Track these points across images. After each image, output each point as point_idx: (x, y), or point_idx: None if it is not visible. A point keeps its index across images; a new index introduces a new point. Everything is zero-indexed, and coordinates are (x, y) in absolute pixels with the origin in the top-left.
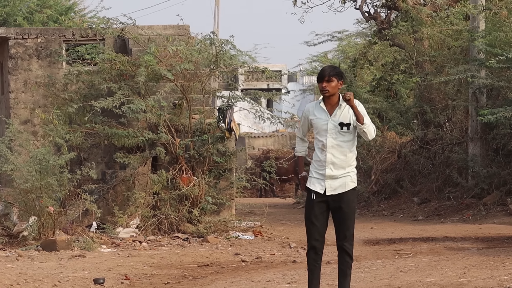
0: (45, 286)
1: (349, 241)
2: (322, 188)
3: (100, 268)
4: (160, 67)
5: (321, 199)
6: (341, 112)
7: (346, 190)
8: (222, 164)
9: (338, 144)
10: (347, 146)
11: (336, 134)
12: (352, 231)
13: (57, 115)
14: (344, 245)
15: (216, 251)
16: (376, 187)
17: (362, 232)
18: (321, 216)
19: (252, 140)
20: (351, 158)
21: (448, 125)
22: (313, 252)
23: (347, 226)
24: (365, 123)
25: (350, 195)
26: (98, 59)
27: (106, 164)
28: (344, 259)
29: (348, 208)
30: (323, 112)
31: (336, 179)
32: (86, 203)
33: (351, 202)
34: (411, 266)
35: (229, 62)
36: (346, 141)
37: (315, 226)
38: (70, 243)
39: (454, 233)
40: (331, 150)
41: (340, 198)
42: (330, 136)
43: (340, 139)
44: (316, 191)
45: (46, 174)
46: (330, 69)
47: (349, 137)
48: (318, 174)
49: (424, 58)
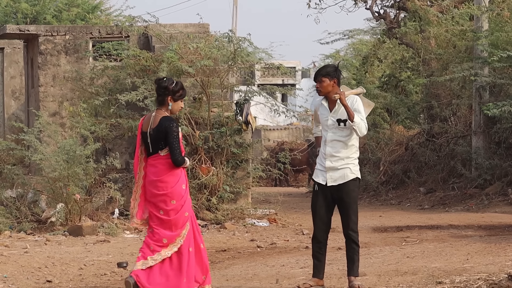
0: (71, 269)
1: (353, 229)
2: (324, 179)
3: (123, 253)
4: (181, 63)
5: (324, 190)
6: (340, 109)
7: (346, 181)
8: (239, 155)
9: (337, 139)
10: (346, 140)
11: (335, 129)
12: (355, 219)
13: (84, 108)
14: (348, 233)
15: (233, 237)
16: (385, 177)
17: (371, 220)
18: (324, 206)
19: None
20: (350, 151)
21: (453, 119)
22: (317, 240)
23: (349, 215)
24: (354, 121)
25: (350, 186)
26: (123, 55)
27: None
28: (350, 246)
29: (348, 198)
30: (325, 109)
31: (336, 171)
32: (111, 191)
33: (351, 192)
34: (417, 252)
35: (246, 59)
36: (344, 135)
37: (319, 215)
38: (95, 229)
39: (458, 221)
40: (331, 144)
41: (340, 188)
42: (330, 131)
43: (339, 133)
44: (319, 183)
45: (73, 163)
46: (321, 70)
47: (347, 132)
48: (321, 166)
49: (431, 56)
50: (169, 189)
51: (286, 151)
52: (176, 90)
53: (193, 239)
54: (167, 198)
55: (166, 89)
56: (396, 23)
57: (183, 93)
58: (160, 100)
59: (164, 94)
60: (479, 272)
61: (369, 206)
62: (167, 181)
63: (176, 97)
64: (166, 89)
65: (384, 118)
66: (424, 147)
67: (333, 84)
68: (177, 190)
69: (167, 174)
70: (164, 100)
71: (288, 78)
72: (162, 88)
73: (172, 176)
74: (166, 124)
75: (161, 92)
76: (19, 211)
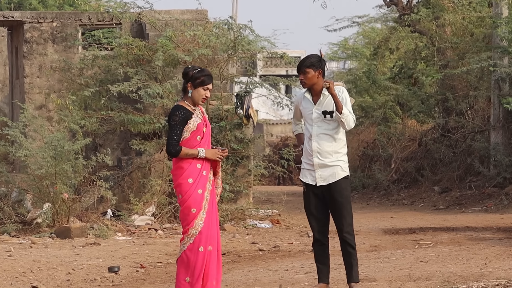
0: (59, 274)
1: (349, 231)
2: (313, 179)
3: (115, 256)
4: (177, 51)
5: (315, 190)
6: (325, 100)
7: (337, 180)
8: (239, 151)
9: (323, 133)
10: (333, 133)
11: (321, 123)
12: (349, 220)
13: (72, 101)
14: (344, 236)
15: (233, 239)
16: (396, 175)
17: (382, 221)
18: (319, 207)
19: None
20: (338, 145)
21: (470, 113)
22: (318, 244)
23: (343, 215)
24: (343, 113)
25: (342, 184)
26: (115, 44)
27: (121, 150)
28: (346, 250)
29: (341, 197)
30: (308, 102)
31: (326, 168)
32: (101, 190)
33: (343, 190)
34: (431, 256)
35: (247, 48)
36: (331, 129)
37: (315, 217)
38: (85, 231)
39: (475, 223)
40: (317, 139)
41: (331, 188)
42: (315, 124)
43: (324, 127)
44: (308, 183)
45: (60, 160)
46: (304, 60)
47: (334, 125)
48: (308, 165)
49: (446, 45)
50: (175, 183)
51: (290, 147)
52: (197, 76)
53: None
54: (176, 191)
55: (186, 75)
56: (408, 10)
57: (205, 79)
58: (183, 88)
59: (185, 81)
60: (498, 277)
61: (380, 206)
62: (174, 174)
63: (196, 84)
64: (186, 75)
65: (395, 112)
66: (439, 143)
67: (318, 75)
68: (183, 184)
69: (174, 167)
70: (185, 87)
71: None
72: (184, 75)
73: (178, 169)
74: (171, 111)
75: (184, 80)
76: (3, 211)
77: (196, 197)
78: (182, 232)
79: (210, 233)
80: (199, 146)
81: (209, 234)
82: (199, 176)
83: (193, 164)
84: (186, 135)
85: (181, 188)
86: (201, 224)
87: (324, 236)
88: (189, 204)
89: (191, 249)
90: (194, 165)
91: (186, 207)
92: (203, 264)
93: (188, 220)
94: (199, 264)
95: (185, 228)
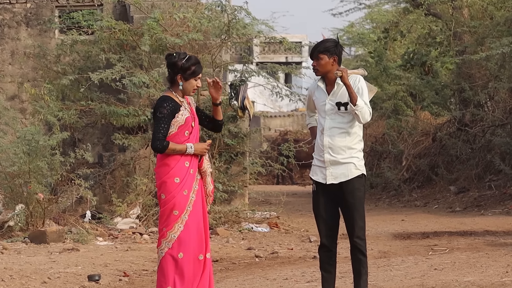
0: (33, 283)
1: (360, 236)
2: (324, 177)
3: (96, 263)
4: (166, 35)
5: (325, 189)
6: (339, 90)
7: (350, 178)
8: (234, 147)
9: (337, 126)
10: (347, 127)
11: (335, 115)
12: (361, 224)
13: (49, 90)
14: (354, 241)
15: (227, 245)
16: (408, 174)
17: (392, 225)
18: (329, 209)
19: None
20: (352, 140)
21: (489, 104)
22: (325, 249)
23: (355, 219)
24: (357, 104)
25: (355, 184)
26: (96, 27)
27: (103, 146)
28: (356, 257)
29: (353, 198)
30: (321, 92)
31: (338, 166)
32: (81, 190)
33: (356, 191)
34: (446, 263)
35: (243, 32)
36: (345, 122)
37: (323, 220)
38: (62, 235)
39: (495, 227)
40: (329, 132)
41: (343, 187)
42: (329, 117)
43: (338, 120)
44: (318, 182)
45: (35, 156)
46: (318, 45)
47: (349, 118)
48: (319, 161)
49: (463, 29)
50: (159, 181)
51: (290, 142)
52: (187, 67)
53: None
54: (158, 190)
55: (174, 66)
56: None
57: (196, 69)
58: (170, 79)
59: (173, 72)
60: None
61: (389, 208)
62: (158, 172)
63: (187, 75)
64: (174, 66)
65: (407, 103)
66: (455, 137)
67: (333, 62)
68: (167, 184)
69: (159, 164)
70: (173, 79)
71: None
72: (170, 65)
73: (164, 166)
74: (157, 102)
75: (170, 70)
76: None
77: (180, 198)
78: (159, 236)
79: (192, 238)
80: (187, 141)
81: (191, 239)
82: (187, 175)
83: (181, 161)
84: (173, 129)
85: (165, 187)
86: (181, 227)
87: (332, 242)
88: (171, 206)
89: (170, 255)
90: (182, 163)
91: (167, 208)
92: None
93: (167, 222)
94: (178, 272)
95: (163, 231)
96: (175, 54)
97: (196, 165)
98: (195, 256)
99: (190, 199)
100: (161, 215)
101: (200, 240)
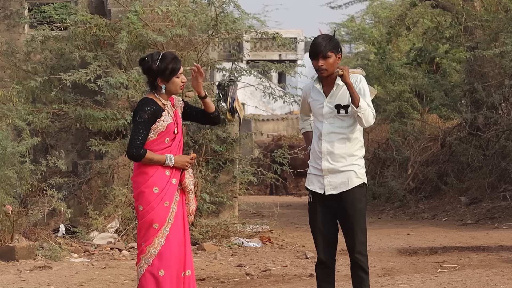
0: None
1: (361, 252)
2: (321, 187)
3: (70, 282)
4: (147, 30)
5: (323, 200)
6: (339, 91)
7: (350, 188)
8: (222, 154)
9: (336, 131)
10: (347, 133)
11: (333, 119)
12: (363, 238)
13: (17, 91)
14: (355, 257)
15: (214, 261)
16: (414, 183)
17: (397, 239)
18: (327, 222)
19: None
20: (354, 147)
21: (504, 106)
22: (322, 266)
23: (355, 232)
24: (360, 106)
25: (355, 194)
26: (69, 22)
27: (78, 152)
28: (357, 275)
29: (353, 209)
30: (318, 93)
31: (337, 174)
32: (53, 201)
33: (357, 202)
34: (457, 282)
35: (232, 27)
36: (345, 127)
37: (321, 234)
38: (33, 251)
39: (511, 242)
40: (328, 138)
41: (342, 198)
42: (326, 121)
43: (337, 124)
44: (315, 192)
45: (3, 164)
46: (325, 42)
47: (349, 122)
48: (316, 170)
49: (475, 23)
50: (136, 191)
51: (284, 148)
52: (164, 68)
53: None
54: (136, 202)
55: (150, 71)
56: None
57: (174, 66)
58: (151, 84)
59: (151, 76)
60: None
61: (394, 221)
62: (136, 181)
63: (167, 76)
64: (150, 71)
65: (413, 105)
66: (466, 143)
67: (338, 62)
68: (145, 194)
69: (136, 172)
70: (154, 83)
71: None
72: (146, 70)
73: (142, 175)
74: (138, 105)
75: (147, 75)
76: None
77: (160, 210)
78: (138, 253)
79: (174, 253)
80: (168, 150)
81: (172, 254)
82: (168, 185)
83: (160, 170)
84: (153, 135)
85: (143, 198)
86: (161, 242)
87: (331, 258)
88: (151, 218)
89: (150, 273)
90: (162, 172)
91: (146, 221)
92: None
93: (146, 237)
94: None
95: (142, 246)
96: (146, 58)
97: (179, 175)
98: (178, 273)
99: (172, 211)
100: (139, 229)
101: (189, 255)
